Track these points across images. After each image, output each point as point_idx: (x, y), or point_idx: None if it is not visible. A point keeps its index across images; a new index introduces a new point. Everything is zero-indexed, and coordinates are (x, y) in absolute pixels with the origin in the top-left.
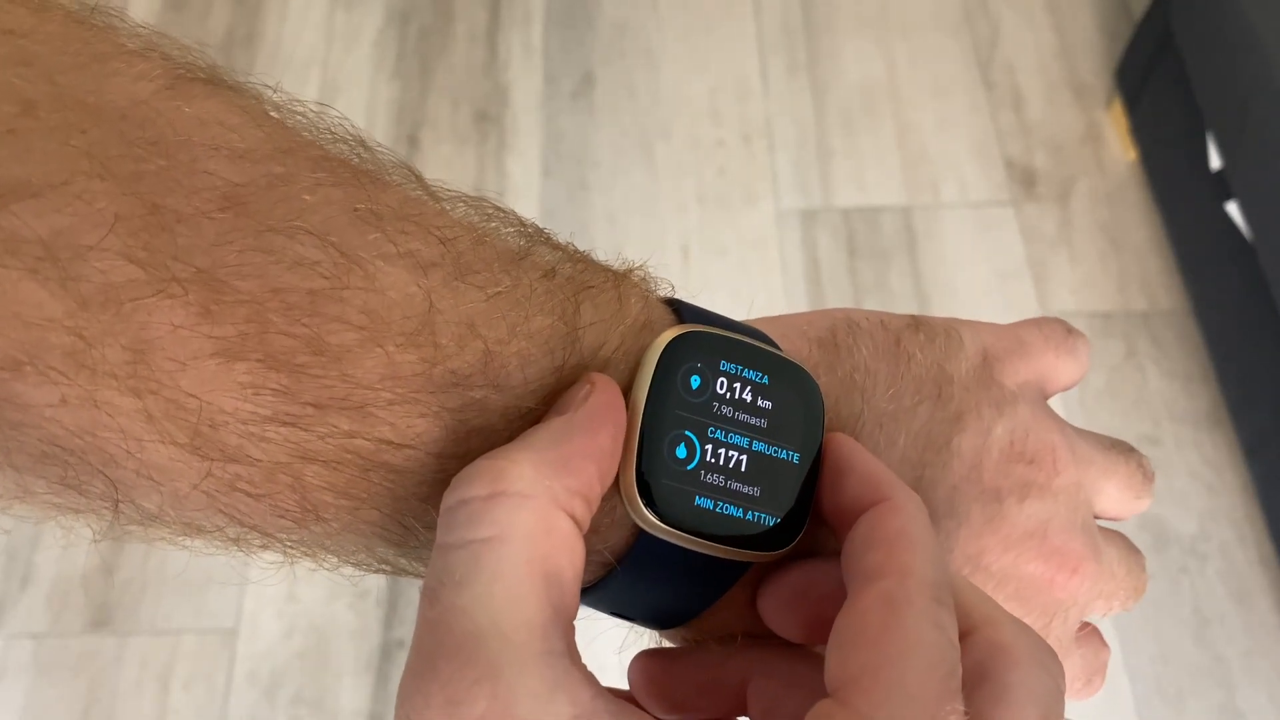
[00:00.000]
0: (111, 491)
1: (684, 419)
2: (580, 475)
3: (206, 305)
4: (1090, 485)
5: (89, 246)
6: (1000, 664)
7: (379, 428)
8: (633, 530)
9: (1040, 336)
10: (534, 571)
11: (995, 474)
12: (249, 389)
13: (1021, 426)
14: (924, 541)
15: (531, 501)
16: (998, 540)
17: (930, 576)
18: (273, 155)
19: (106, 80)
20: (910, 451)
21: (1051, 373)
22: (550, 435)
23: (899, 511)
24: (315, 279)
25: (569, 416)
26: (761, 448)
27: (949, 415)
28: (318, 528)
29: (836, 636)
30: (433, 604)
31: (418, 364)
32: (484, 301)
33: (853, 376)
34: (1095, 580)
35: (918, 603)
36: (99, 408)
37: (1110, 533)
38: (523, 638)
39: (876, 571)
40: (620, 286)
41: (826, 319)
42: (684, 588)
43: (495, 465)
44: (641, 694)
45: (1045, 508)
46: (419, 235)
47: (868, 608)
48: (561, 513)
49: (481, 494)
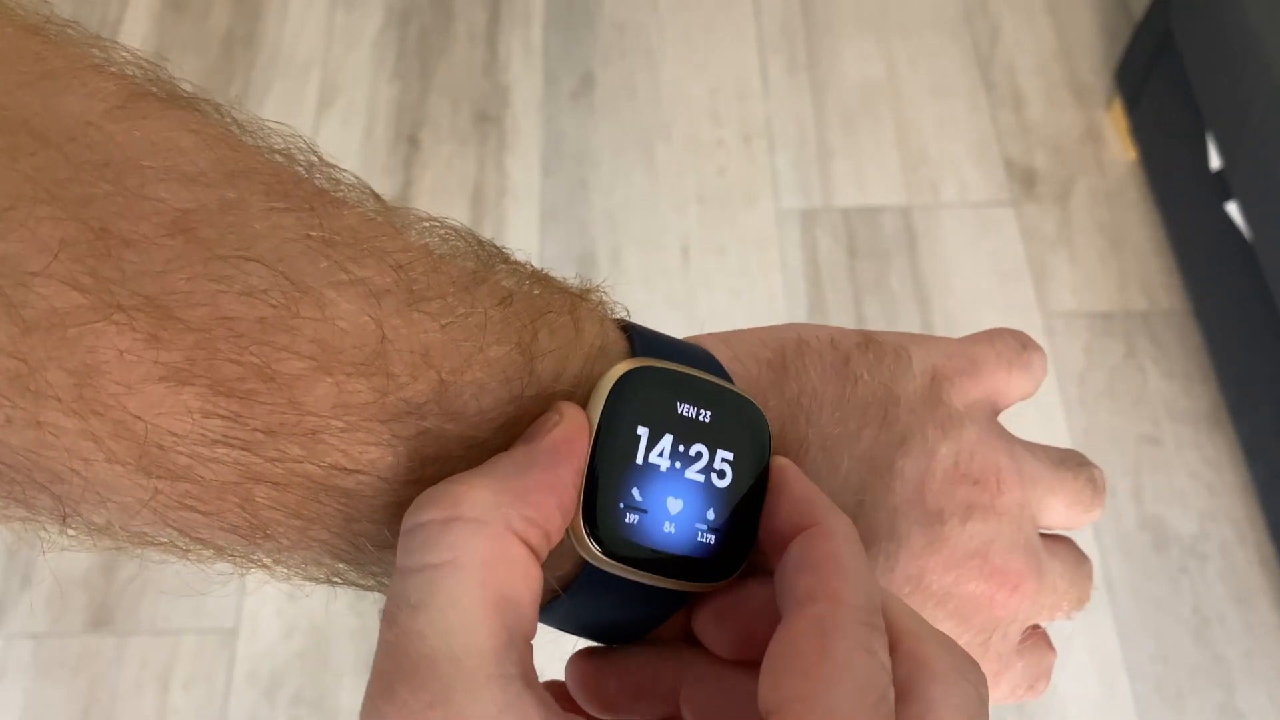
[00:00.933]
0: (59, 507)
1: (630, 453)
2: (539, 507)
3: (154, 331)
4: (1036, 503)
5: (33, 273)
6: (924, 679)
7: (330, 454)
8: (578, 560)
9: (993, 353)
10: (488, 597)
11: (938, 495)
12: (197, 413)
13: (967, 448)
14: (854, 566)
15: (487, 528)
16: (939, 561)
17: (861, 601)
18: (225, 179)
19: (56, 99)
20: (853, 476)
21: (1003, 389)
22: (512, 464)
23: (830, 536)
24: (264, 308)
25: (533, 446)
26: (706, 480)
27: (893, 438)
28: (268, 544)
29: (770, 661)
30: (390, 627)
31: (369, 393)
32: (438, 331)
33: (799, 400)
34: (1036, 596)
35: (848, 629)
36: (42, 428)
37: (1057, 541)
38: (475, 662)
39: (808, 596)
40: (576, 311)
41: (777, 339)
42: (628, 614)
43: (453, 490)
44: (578, 694)
45: (988, 528)
46: (372, 262)
47: (800, 634)
48: (516, 540)
49: (438, 518)
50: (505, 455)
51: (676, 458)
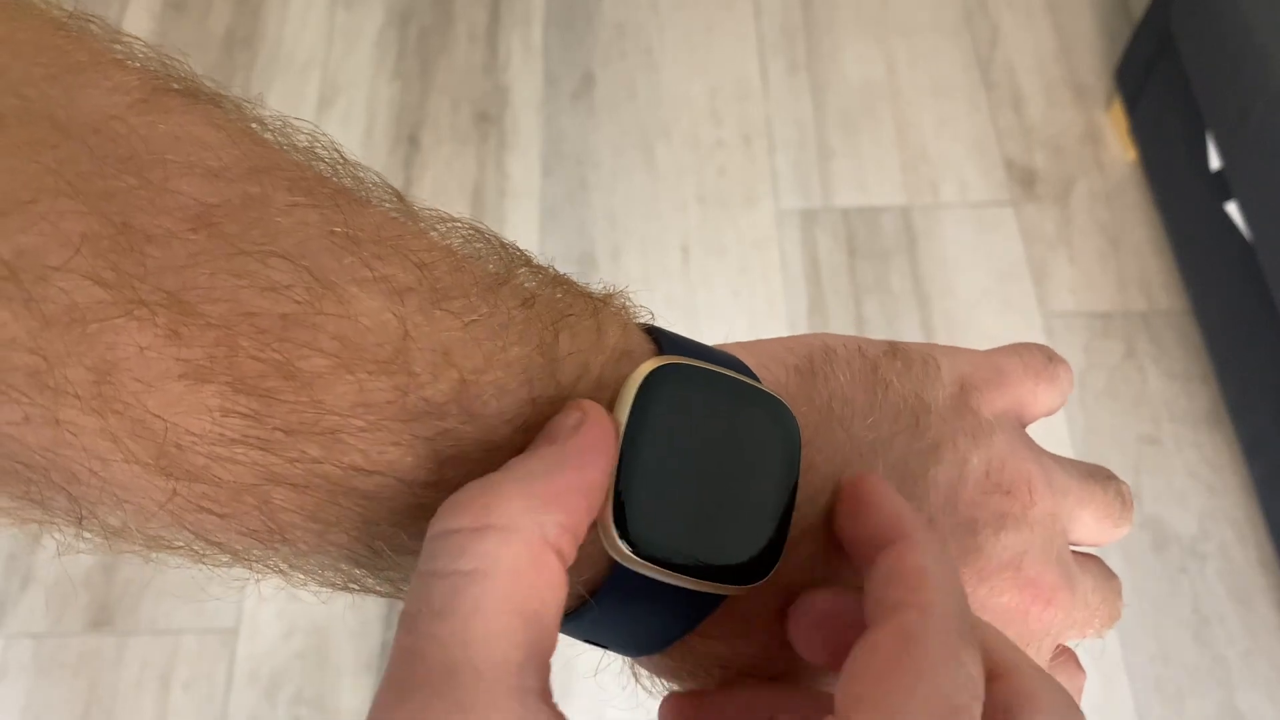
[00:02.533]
0: (75, 507)
1: (659, 451)
2: (571, 511)
3: (174, 328)
4: (1066, 515)
5: (54, 267)
6: (1026, 710)
7: (349, 454)
8: (608, 562)
9: (1020, 364)
10: (513, 609)
11: (971, 505)
12: (217, 411)
13: (998, 457)
14: (946, 580)
15: (518, 536)
16: (973, 573)
17: (952, 612)
18: (248, 174)
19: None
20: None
21: (1030, 401)
22: (542, 466)
23: (920, 549)
24: (287, 304)
25: (561, 447)
26: (738, 478)
27: (925, 446)
28: (285, 548)
29: (850, 664)
30: (409, 631)
31: (390, 392)
32: (460, 330)
33: (830, 405)
34: (1069, 610)
35: (935, 636)
36: (61, 426)
37: (1086, 559)
38: (496, 674)
39: (896, 606)
40: (599, 315)
41: (804, 346)
42: (659, 619)
43: (484, 498)
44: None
45: (1021, 539)
46: (395, 260)
47: (883, 639)
48: (548, 549)
49: (468, 526)
50: (532, 456)
51: (706, 455)
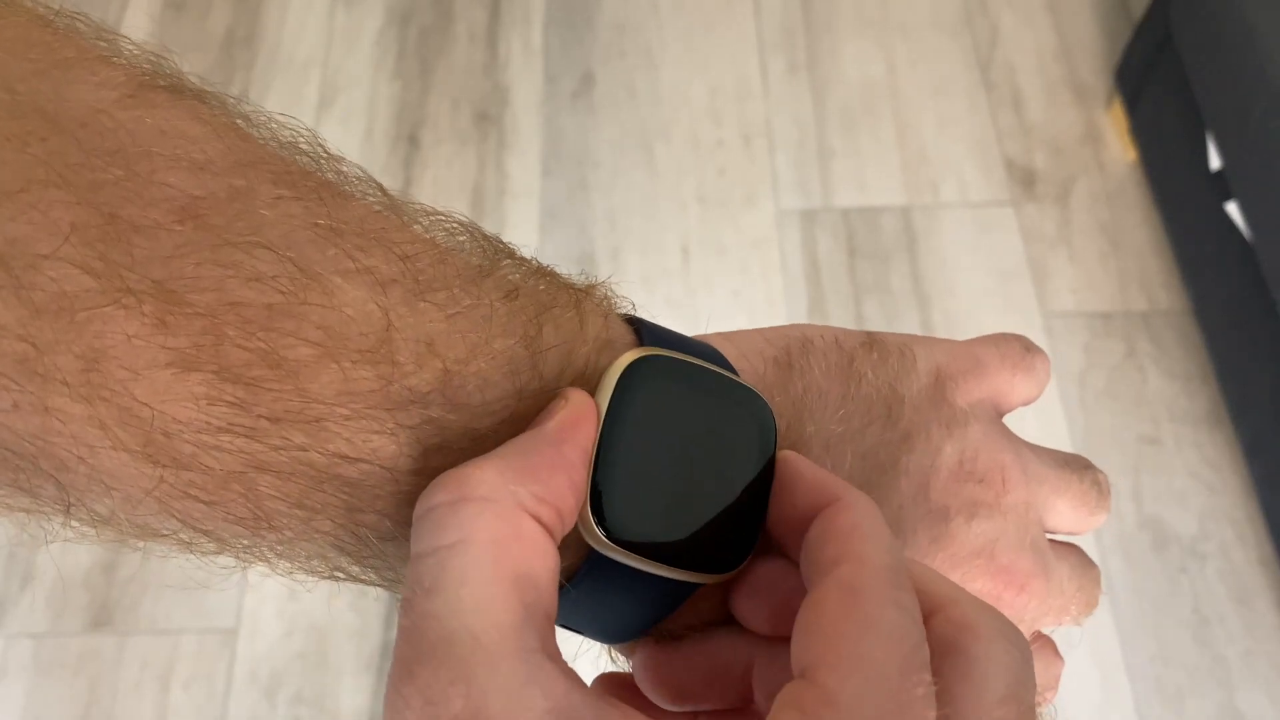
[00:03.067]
0: (63, 495)
1: (637, 440)
2: (548, 484)
3: (161, 316)
4: (1041, 503)
5: (43, 255)
6: (966, 638)
7: (334, 442)
8: (584, 549)
9: (996, 355)
10: (501, 573)
11: (943, 493)
12: (203, 400)
13: (971, 446)
14: (877, 532)
15: (495, 505)
16: (945, 558)
17: (886, 561)
18: (233, 168)
19: (68, 87)
20: (857, 473)
21: (1007, 390)
22: (519, 445)
23: (851, 508)
24: (272, 294)
25: (539, 429)
26: (712, 470)
27: (897, 436)
28: (271, 535)
29: (799, 625)
30: (407, 613)
31: (374, 381)
32: (443, 321)
33: (804, 398)
34: (1043, 597)
35: (875, 585)
36: (50, 413)
37: (1064, 547)
38: (494, 638)
39: (832, 562)
40: (581, 306)
41: (782, 337)
42: (633, 606)
43: (460, 473)
44: (646, 683)
45: (993, 526)
46: (379, 251)
47: (827, 594)
48: (527, 516)
49: (446, 500)
50: (513, 439)
51: (683, 446)
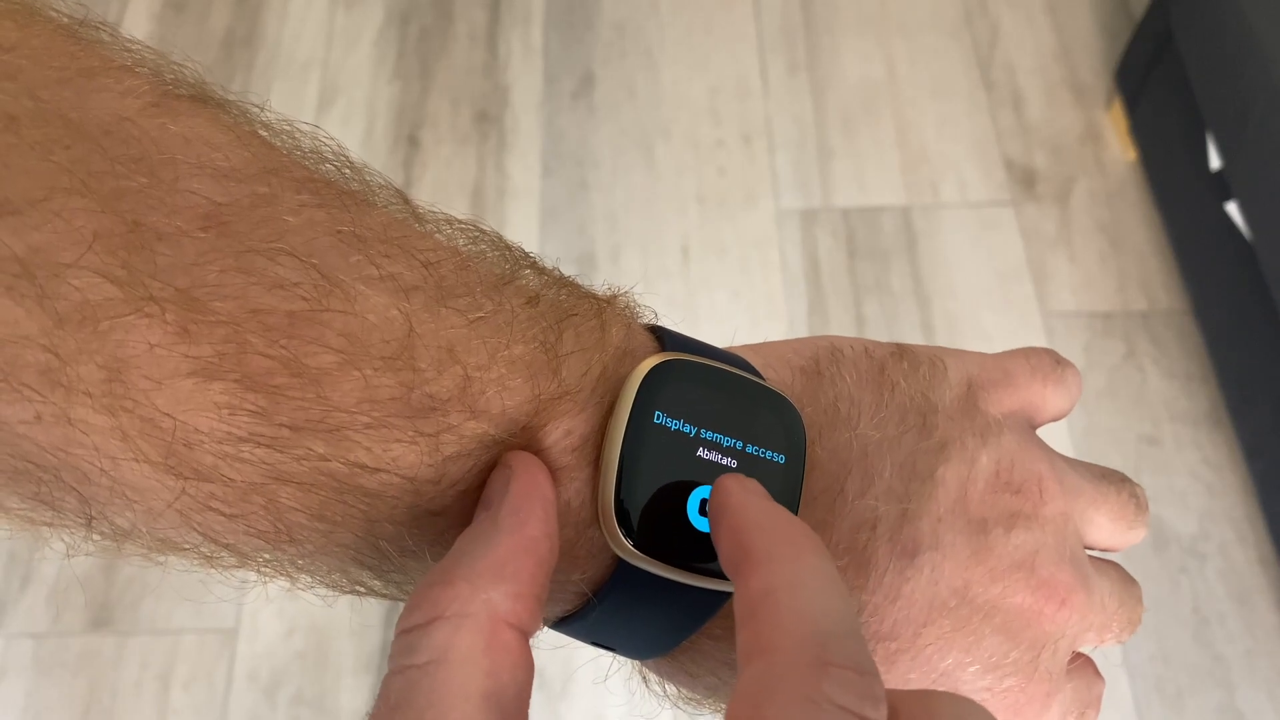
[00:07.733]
0: (85, 508)
1: (663, 448)
2: (519, 576)
3: (184, 325)
4: (1079, 515)
5: (67, 264)
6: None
7: (354, 451)
8: (611, 559)
9: (1027, 367)
10: (470, 694)
11: (981, 504)
12: (225, 409)
13: (1007, 456)
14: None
15: (468, 622)
16: (984, 571)
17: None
18: (257, 175)
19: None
20: (896, 483)
21: (1039, 403)
22: (480, 540)
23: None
24: (295, 301)
25: (494, 513)
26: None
27: (933, 445)
28: (291, 549)
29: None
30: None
31: (395, 388)
32: (464, 326)
33: (836, 405)
34: (1085, 612)
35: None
36: (73, 425)
37: (1104, 563)
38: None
39: (745, 654)
40: (603, 314)
41: (810, 347)
42: (664, 618)
43: (431, 591)
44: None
45: (1033, 538)
46: (402, 258)
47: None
48: (503, 624)
49: (420, 621)
50: (469, 532)
51: (709, 451)
